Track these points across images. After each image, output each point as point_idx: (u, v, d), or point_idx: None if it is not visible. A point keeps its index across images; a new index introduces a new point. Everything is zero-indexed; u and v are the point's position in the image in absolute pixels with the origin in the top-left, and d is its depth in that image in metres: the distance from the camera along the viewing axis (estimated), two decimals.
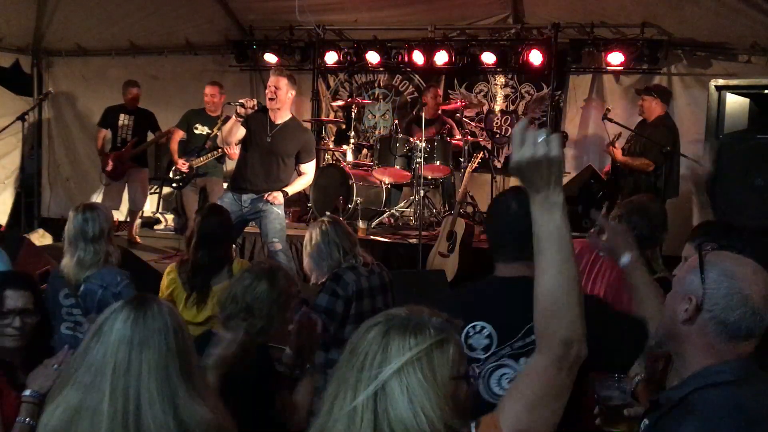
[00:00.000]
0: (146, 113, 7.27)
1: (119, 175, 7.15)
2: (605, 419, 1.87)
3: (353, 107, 7.53)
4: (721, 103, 4.17)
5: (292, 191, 5.06)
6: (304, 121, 7.21)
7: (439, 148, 6.48)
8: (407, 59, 7.58)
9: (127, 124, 7.17)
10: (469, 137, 6.98)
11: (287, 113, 4.99)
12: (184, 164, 6.54)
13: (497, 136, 7.64)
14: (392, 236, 6.40)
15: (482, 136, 7.67)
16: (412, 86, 8.10)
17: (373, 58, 7.75)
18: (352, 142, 7.25)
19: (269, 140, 4.89)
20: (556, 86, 7.32)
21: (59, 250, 3.21)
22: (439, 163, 6.50)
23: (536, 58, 7.07)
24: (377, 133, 7.95)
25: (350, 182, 6.55)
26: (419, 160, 6.27)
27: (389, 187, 6.94)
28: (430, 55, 7.45)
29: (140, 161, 7.28)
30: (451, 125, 7.08)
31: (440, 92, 7.48)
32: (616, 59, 6.81)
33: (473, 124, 7.62)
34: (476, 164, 6.36)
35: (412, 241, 6.10)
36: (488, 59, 7.31)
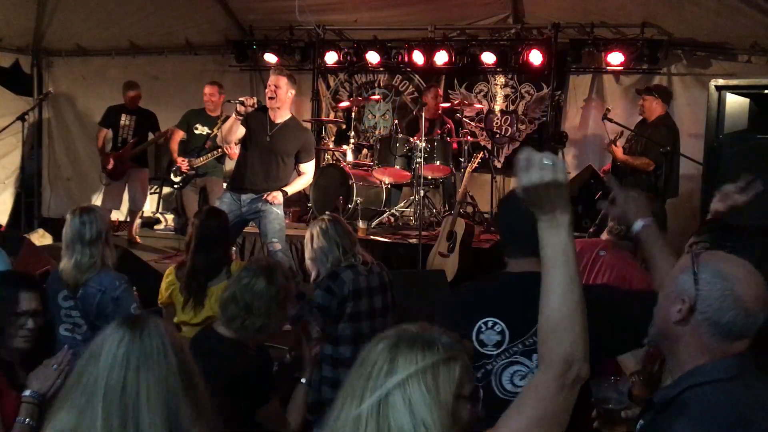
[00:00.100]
0: (147, 113, 7.27)
1: (119, 174, 7.15)
2: (603, 422, 1.86)
3: (353, 108, 7.52)
4: (721, 103, 4.16)
5: (291, 191, 5.05)
6: (304, 121, 7.22)
7: (439, 148, 6.47)
8: (407, 59, 7.58)
9: (128, 124, 7.16)
10: (469, 137, 6.98)
11: (287, 113, 4.99)
12: (184, 162, 6.54)
13: (497, 136, 7.64)
14: (392, 236, 6.39)
15: (482, 136, 7.67)
16: (412, 86, 8.10)
17: (373, 58, 7.76)
18: (352, 142, 7.25)
19: (269, 139, 4.88)
20: (556, 86, 7.32)
21: (59, 250, 3.21)
22: (439, 163, 6.50)
23: (536, 58, 7.08)
24: (377, 133, 7.94)
25: (350, 182, 6.54)
26: (419, 160, 6.27)
27: (389, 187, 6.93)
28: (430, 55, 7.45)
29: (140, 161, 7.27)
30: (450, 125, 7.08)
31: (441, 92, 7.48)
32: (616, 59, 6.81)
33: (473, 124, 7.62)
34: (476, 164, 6.35)
35: (412, 241, 6.09)
36: (488, 59, 7.31)
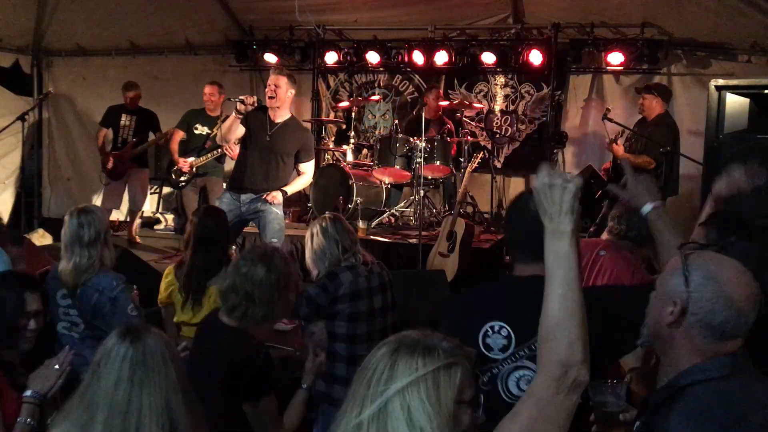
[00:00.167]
0: (148, 113, 7.26)
1: (119, 174, 7.15)
2: (602, 425, 1.86)
3: (353, 108, 7.52)
4: (721, 103, 4.16)
5: (291, 191, 5.05)
6: (304, 121, 7.21)
7: (439, 148, 6.47)
8: (407, 59, 7.58)
9: (128, 124, 7.16)
10: (469, 137, 6.98)
11: (287, 112, 4.99)
12: (185, 162, 6.54)
13: (497, 136, 7.64)
14: (392, 236, 6.39)
15: (482, 136, 7.67)
16: (412, 86, 8.10)
17: (373, 58, 7.75)
18: (352, 142, 7.24)
19: (268, 139, 4.88)
20: (556, 86, 7.32)
21: (59, 250, 3.21)
22: (439, 163, 6.50)
23: (536, 58, 7.07)
24: (377, 133, 7.94)
25: (350, 182, 6.54)
26: (419, 160, 6.27)
27: (389, 187, 6.93)
28: (430, 55, 7.45)
29: (140, 161, 7.27)
30: (450, 126, 7.08)
31: (442, 93, 7.48)
32: (616, 59, 6.81)
33: (473, 124, 7.62)
34: (476, 164, 6.35)
35: (412, 241, 6.09)
36: (488, 59, 7.31)
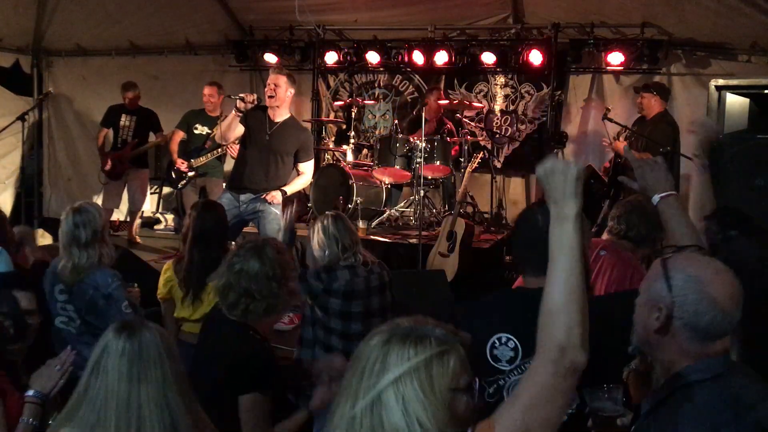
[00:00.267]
0: (148, 113, 7.26)
1: (118, 174, 7.15)
2: (600, 430, 1.86)
3: (353, 107, 7.52)
4: (721, 103, 4.16)
5: (290, 191, 5.05)
6: (304, 121, 7.22)
7: (439, 148, 6.47)
8: (407, 59, 7.58)
9: (128, 125, 7.16)
10: (469, 137, 6.98)
11: (286, 112, 4.99)
12: (183, 163, 6.54)
13: (497, 136, 7.64)
14: (392, 236, 6.39)
15: (482, 136, 7.67)
16: (412, 86, 8.10)
17: (373, 58, 7.76)
18: (352, 142, 7.24)
19: (268, 138, 4.89)
20: (556, 86, 7.32)
21: (59, 249, 3.23)
22: (439, 163, 6.49)
23: (536, 58, 7.08)
24: (377, 133, 7.95)
25: (350, 182, 6.54)
26: (419, 160, 6.27)
27: (389, 187, 6.93)
28: (430, 55, 7.45)
29: (140, 162, 7.27)
30: (450, 126, 7.08)
31: (443, 94, 7.48)
32: (616, 59, 6.81)
33: (473, 124, 7.62)
34: (476, 164, 6.34)
35: (412, 241, 6.09)
36: (488, 59, 7.31)
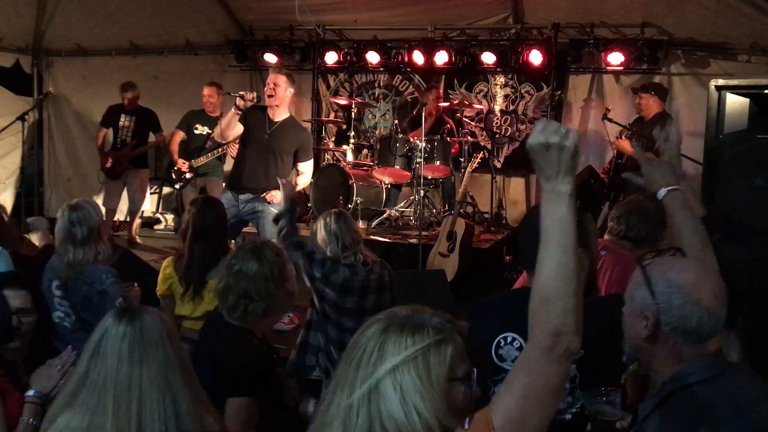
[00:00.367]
0: (147, 113, 7.25)
1: (117, 174, 7.16)
2: None
3: (353, 107, 7.53)
4: (721, 103, 4.15)
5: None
6: (304, 121, 7.22)
7: (439, 148, 6.47)
8: (407, 59, 7.58)
9: (127, 125, 7.15)
10: (469, 137, 6.98)
11: (285, 111, 4.99)
12: (184, 164, 6.54)
13: (497, 136, 7.64)
14: (392, 236, 6.39)
15: (482, 136, 7.67)
16: (412, 86, 8.11)
17: (373, 58, 7.76)
18: (352, 142, 7.24)
19: (267, 137, 4.89)
20: (556, 86, 7.32)
21: None
22: (439, 163, 6.50)
23: (536, 58, 7.08)
24: (377, 133, 7.95)
25: (350, 182, 6.54)
26: (419, 160, 6.27)
27: (389, 187, 6.93)
28: (430, 55, 7.46)
29: (139, 162, 7.27)
30: (451, 125, 7.08)
31: (441, 93, 7.48)
32: (616, 59, 6.82)
33: (473, 124, 7.62)
34: (476, 164, 6.35)
35: (412, 241, 6.09)
36: (488, 59, 7.32)
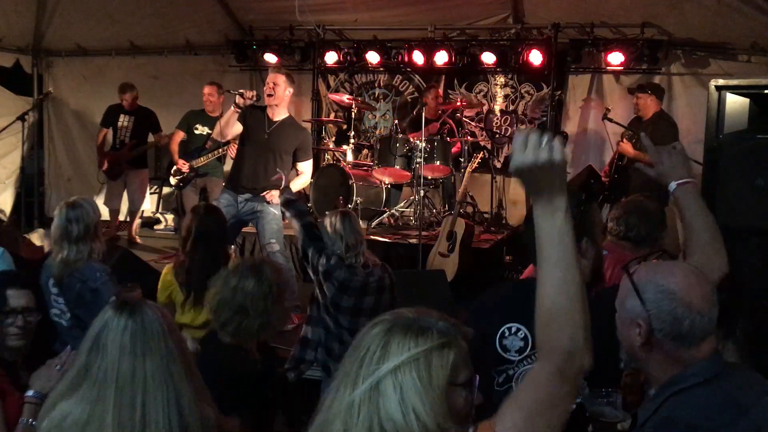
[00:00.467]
0: (146, 113, 7.25)
1: (116, 175, 7.17)
2: None
3: (353, 107, 7.53)
4: (721, 103, 4.14)
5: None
6: (304, 121, 7.22)
7: (439, 148, 6.47)
8: (407, 59, 7.57)
9: (126, 125, 7.16)
10: (469, 137, 6.98)
11: (285, 111, 5.00)
12: (184, 164, 6.54)
13: (497, 136, 7.64)
14: (392, 236, 6.39)
15: (482, 136, 7.67)
16: (412, 86, 8.10)
17: (373, 58, 7.75)
18: (352, 142, 7.24)
19: (267, 137, 4.90)
20: (556, 86, 7.32)
21: None
22: (439, 163, 6.50)
23: (536, 58, 7.07)
24: (377, 133, 7.95)
25: (350, 182, 6.54)
26: (419, 160, 6.27)
27: (389, 187, 6.93)
28: (430, 55, 7.45)
29: (139, 162, 7.27)
30: (451, 126, 7.08)
31: (441, 92, 7.48)
32: (616, 59, 6.82)
33: (473, 124, 7.62)
34: (476, 164, 6.35)
35: (412, 241, 6.10)
36: (488, 59, 7.31)
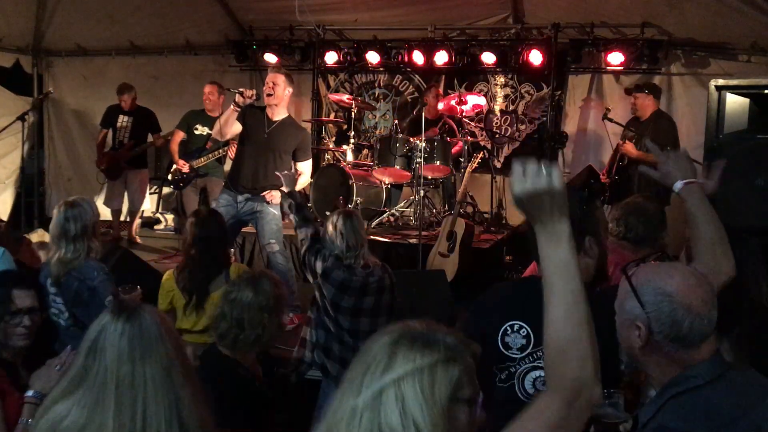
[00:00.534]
0: (146, 113, 7.25)
1: (115, 175, 7.17)
2: None
3: (353, 107, 7.52)
4: (721, 103, 4.15)
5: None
6: (304, 121, 7.23)
7: (439, 148, 6.47)
8: (407, 59, 7.58)
9: (125, 126, 7.16)
10: (469, 137, 6.98)
11: (284, 111, 5.00)
12: (184, 165, 6.54)
13: (497, 136, 7.64)
14: (392, 236, 6.39)
15: (482, 136, 7.67)
16: (412, 86, 8.10)
17: (373, 58, 7.75)
18: (352, 142, 7.23)
19: (266, 136, 4.89)
20: (555, 86, 7.32)
21: None
22: (439, 163, 6.49)
23: (536, 58, 7.07)
24: (377, 133, 7.95)
25: (350, 182, 6.54)
26: (419, 160, 6.27)
27: (389, 187, 6.93)
28: (430, 55, 7.45)
29: (139, 162, 7.27)
30: (451, 126, 7.08)
31: (441, 92, 7.48)
32: (616, 59, 6.82)
33: (473, 124, 7.62)
34: (476, 164, 6.35)
35: (412, 241, 6.09)
36: (488, 59, 7.31)
